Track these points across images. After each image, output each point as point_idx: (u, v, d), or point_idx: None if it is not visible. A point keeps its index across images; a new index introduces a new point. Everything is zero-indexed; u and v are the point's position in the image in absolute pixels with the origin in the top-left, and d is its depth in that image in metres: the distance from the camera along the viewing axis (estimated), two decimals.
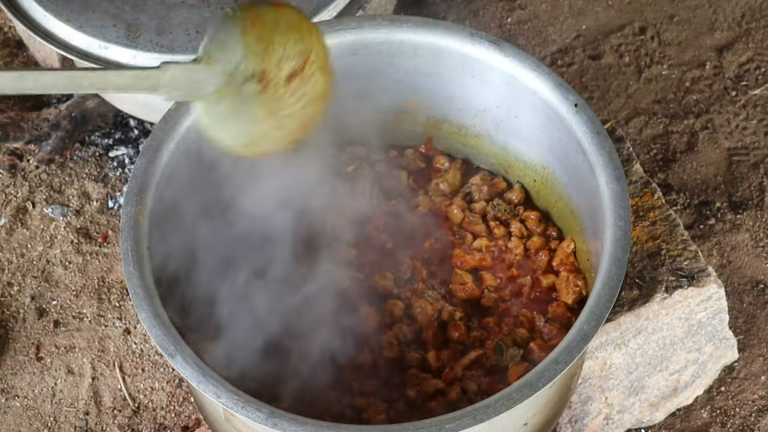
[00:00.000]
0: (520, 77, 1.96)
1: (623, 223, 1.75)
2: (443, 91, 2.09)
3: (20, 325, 2.50)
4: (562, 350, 1.63)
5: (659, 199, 2.23)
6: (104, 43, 2.25)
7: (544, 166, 2.05)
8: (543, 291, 1.98)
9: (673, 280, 2.11)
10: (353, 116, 2.14)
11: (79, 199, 2.69)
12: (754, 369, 2.41)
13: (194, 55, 2.23)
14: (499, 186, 2.15)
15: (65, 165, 2.75)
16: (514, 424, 1.77)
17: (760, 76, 2.95)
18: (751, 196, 2.70)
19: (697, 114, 2.88)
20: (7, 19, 3.04)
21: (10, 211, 2.68)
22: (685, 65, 2.99)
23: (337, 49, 2.02)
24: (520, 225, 2.06)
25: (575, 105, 1.89)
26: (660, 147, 2.81)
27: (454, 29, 2.01)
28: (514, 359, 1.87)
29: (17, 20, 2.31)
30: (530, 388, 1.60)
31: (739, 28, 3.07)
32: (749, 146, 2.81)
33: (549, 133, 1.97)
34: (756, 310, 2.51)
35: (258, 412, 1.58)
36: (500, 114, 2.07)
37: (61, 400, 2.40)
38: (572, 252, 2.00)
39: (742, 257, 2.60)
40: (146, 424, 2.35)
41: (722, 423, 2.34)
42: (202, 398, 1.87)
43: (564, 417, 2.21)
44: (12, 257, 2.61)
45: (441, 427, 1.56)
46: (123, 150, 2.76)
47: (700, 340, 2.22)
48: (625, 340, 2.12)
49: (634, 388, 2.22)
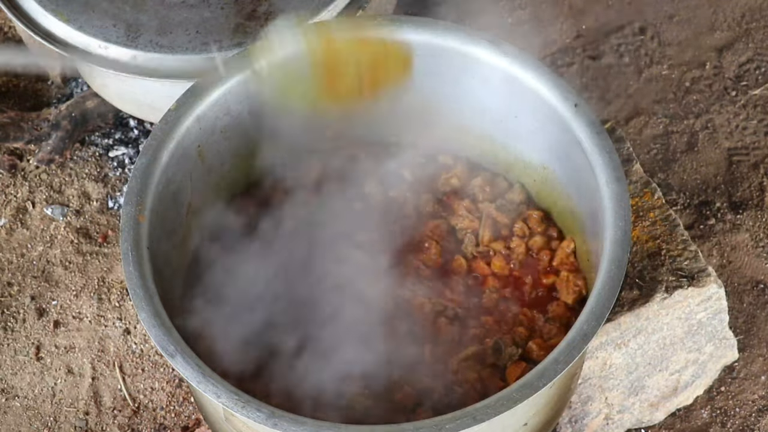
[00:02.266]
0: (520, 77, 1.96)
1: (623, 223, 1.75)
2: (443, 91, 2.09)
3: (20, 325, 2.50)
4: (562, 350, 1.63)
5: (659, 199, 2.23)
6: (104, 43, 2.25)
7: (544, 166, 2.05)
8: (543, 291, 1.98)
9: (673, 280, 2.11)
10: (353, 116, 2.14)
11: (79, 199, 2.69)
12: (754, 369, 2.41)
13: (194, 55, 2.25)
14: (501, 186, 2.15)
15: (65, 165, 2.75)
16: (514, 424, 1.77)
17: (760, 76, 2.95)
18: (751, 196, 2.70)
19: (697, 114, 2.88)
20: (7, 19, 3.04)
21: (10, 211, 2.68)
22: (685, 65, 2.99)
23: None
24: (523, 224, 2.06)
25: (575, 105, 1.89)
26: (660, 147, 2.81)
27: (454, 29, 2.01)
28: (513, 358, 1.87)
29: (17, 20, 2.31)
30: (530, 388, 1.60)
31: (739, 28, 3.06)
32: (749, 146, 2.81)
33: (549, 133, 1.97)
34: (756, 310, 2.51)
35: (258, 412, 1.58)
36: (500, 114, 2.07)
37: (61, 400, 2.40)
38: (572, 252, 2.00)
39: (742, 257, 2.60)
40: (146, 424, 2.35)
41: (722, 423, 2.34)
42: (202, 398, 1.87)
43: (564, 417, 2.21)
44: (12, 257, 2.61)
45: (441, 427, 1.56)
46: (123, 150, 2.76)
47: (700, 340, 2.22)
48: (625, 340, 2.12)
49: (634, 388, 2.22)
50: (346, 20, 2.02)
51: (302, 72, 1.80)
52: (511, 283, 1.99)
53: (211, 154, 1.99)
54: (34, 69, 2.47)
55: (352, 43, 1.83)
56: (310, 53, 1.78)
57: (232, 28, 2.27)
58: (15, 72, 2.91)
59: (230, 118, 2.00)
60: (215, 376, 1.62)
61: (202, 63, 2.22)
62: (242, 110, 2.01)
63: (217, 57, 2.19)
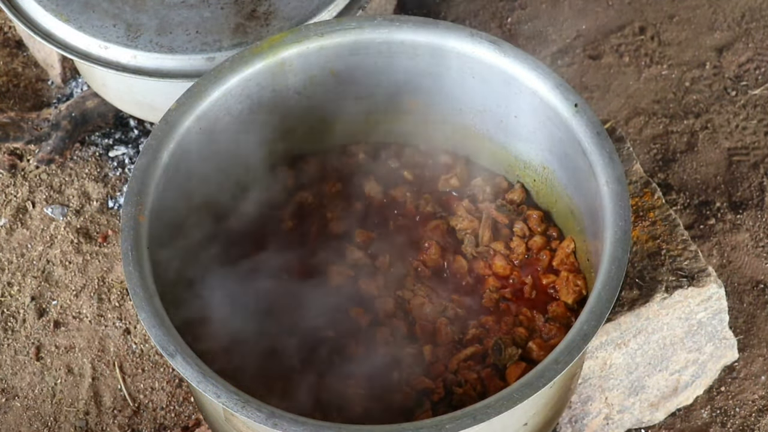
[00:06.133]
0: (520, 77, 1.96)
1: (623, 223, 1.75)
2: (443, 91, 2.09)
3: (20, 325, 2.50)
4: (562, 350, 1.63)
5: (659, 199, 2.23)
6: (104, 43, 2.25)
7: (544, 166, 2.05)
8: (543, 291, 1.98)
9: (673, 280, 2.11)
10: (353, 116, 2.14)
11: (79, 199, 2.69)
12: (754, 369, 2.41)
13: (194, 55, 2.25)
14: (501, 186, 2.15)
15: (65, 165, 2.75)
16: (514, 424, 1.77)
17: (760, 76, 2.95)
18: (751, 196, 2.71)
19: (697, 114, 2.88)
20: (7, 19, 3.04)
21: (10, 211, 2.68)
22: (685, 65, 2.99)
23: (337, 49, 2.02)
24: (523, 224, 2.06)
25: (575, 105, 1.89)
26: (660, 147, 2.81)
27: (454, 29, 2.01)
28: (513, 358, 1.87)
29: (17, 20, 2.31)
30: (530, 388, 1.60)
31: (739, 28, 3.07)
32: (749, 146, 2.81)
33: (549, 133, 1.97)
34: (756, 310, 2.51)
35: (258, 412, 1.58)
36: (500, 114, 2.07)
37: (61, 400, 2.40)
38: (572, 252, 2.00)
39: (742, 257, 2.60)
40: (146, 424, 2.35)
41: (722, 423, 2.34)
42: (202, 398, 1.87)
43: (564, 417, 2.21)
44: (12, 257, 2.61)
45: (441, 427, 1.56)
46: (123, 150, 2.76)
47: (700, 340, 2.22)
48: (625, 340, 2.12)
49: (634, 388, 2.22)
50: (346, 20, 2.02)
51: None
52: (511, 283, 1.99)
53: (210, 154, 1.99)
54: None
55: None
56: None
57: (232, 28, 2.27)
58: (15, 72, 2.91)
59: (230, 118, 2.00)
60: (215, 376, 1.62)
61: (202, 63, 2.22)
62: (242, 110, 2.01)
63: (217, 57, 2.20)
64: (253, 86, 2.00)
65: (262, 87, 2.01)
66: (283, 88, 2.04)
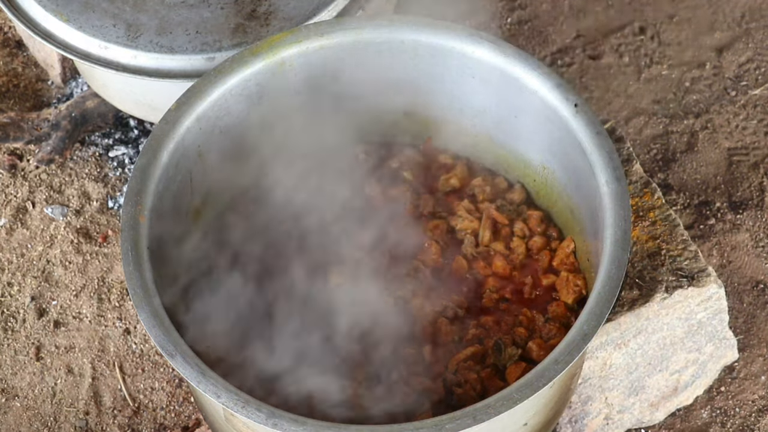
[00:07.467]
0: (520, 77, 1.96)
1: (623, 223, 1.75)
2: (443, 91, 2.09)
3: (20, 325, 2.50)
4: (562, 350, 1.63)
5: (659, 199, 2.23)
6: (104, 43, 2.25)
7: (544, 166, 2.05)
8: (543, 291, 1.98)
9: (673, 280, 2.11)
10: (353, 116, 2.14)
11: (79, 199, 2.69)
12: (754, 369, 2.41)
13: (194, 55, 2.25)
14: (501, 186, 2.15)
15: (65, 165, 2.75)
16: (514, 424, 1.77)
17: (760, 76, 2.95)
18: (751, 196, 2.71)
19: (697, 114, 2.88)
20: (7, 19, 3.04)
21: (10, 211, 2.68)
22: (685, 65, 2.99)
23: (337, 49, 2.02)
24: (523, 224, 2.06)
25: (575, 105, 1.89)
26: (660, 147, 2.81)
27: (454, 29, 2.01)
28: (513, 358, 1.87)
29: (17, 20, 2.31)
30: (530, 388, 1.60)
31: (739, 28, 3.07)
32: (749, 146, 2.81)
33: (549, 133, 1.97)
34: (756, 310, 2.51)
35: (258, 412, 1.58)
36: (500, 114, 2.07)
37: (61, 400, 2.40)
38: (572, 252, 2.00)
39: (742, 257, 2.60)
40: (146, 424, 2.35)
41: (722, 423, 2.34)
42: (202, 398, 1.87)
43: (564, 417, 2.21)
44: (12, 257, 2.61)
45: (441, 427, 1.56)
46: (123, 150, 2.76)
47: (700, 340, 2.22)
48: (625, 340, 2.12)
49: (634, 388, 2.22)
50: (346, 20, 2.02)
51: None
52: (511, 284, 1.99)
53: (211, 154, 1.99)
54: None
55: None
56: None
57: (232, 28, 2.27)
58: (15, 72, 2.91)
59: (230, 118, 2.00)
60: (215, 376, 1.62)
61: (202, 63, 2.22)
62: (242, 110, 2.01)
63: (217, 57, 2.20)
64: (253, 86, 2.00)
65: (262, 87, 2.01)
66: (283, 88, 2.04)
